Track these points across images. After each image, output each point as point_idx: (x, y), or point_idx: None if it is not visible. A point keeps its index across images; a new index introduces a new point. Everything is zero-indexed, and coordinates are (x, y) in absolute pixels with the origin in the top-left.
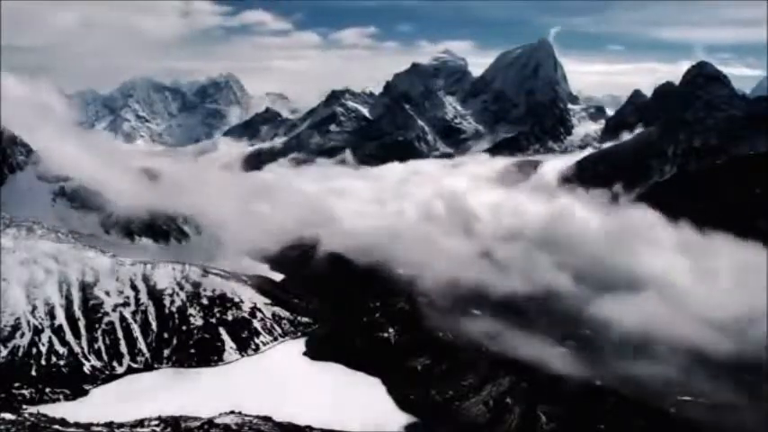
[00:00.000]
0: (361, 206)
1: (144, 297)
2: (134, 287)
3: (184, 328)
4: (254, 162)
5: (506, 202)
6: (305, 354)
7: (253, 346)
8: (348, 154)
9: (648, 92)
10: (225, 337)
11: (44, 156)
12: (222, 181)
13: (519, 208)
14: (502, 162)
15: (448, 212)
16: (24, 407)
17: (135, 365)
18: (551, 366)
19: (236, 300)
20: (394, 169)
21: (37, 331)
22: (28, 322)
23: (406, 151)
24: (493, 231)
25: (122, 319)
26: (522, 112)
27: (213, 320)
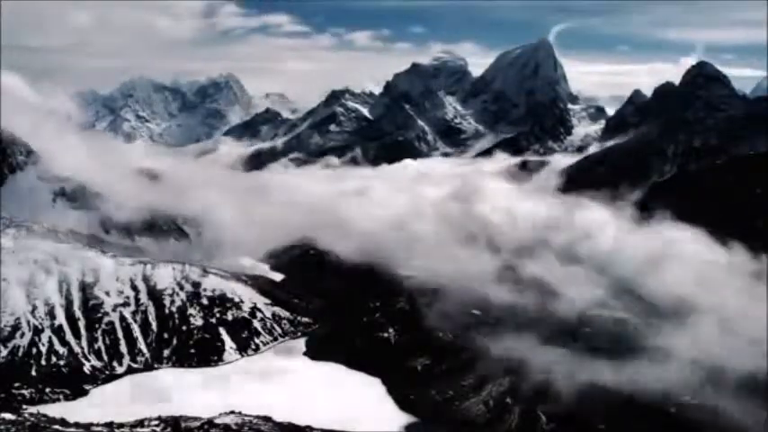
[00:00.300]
0: (363, 206)
1: (144, 297)
2: (134, 287)
3: (184, 328)
4: (255, 162)
5: (522, 206)
6: (305, 354)
7: (253, 346)
8: (358, 152)
9: (649, 92)
10: (225, 337)
11: (44, 156)
12: (222, 181)
13: (535, 211)
14: (514, 161)
15: (461, 215)
16: (24, 407)
17: (135, 365)
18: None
19: (236, 300)
20: (402, 168)
21: (37, 331)
22: (28, 322)
23: (406, 151)
24: (513, 242)
25: (122, 319)
26: (522, 112)
27: (213, 320)
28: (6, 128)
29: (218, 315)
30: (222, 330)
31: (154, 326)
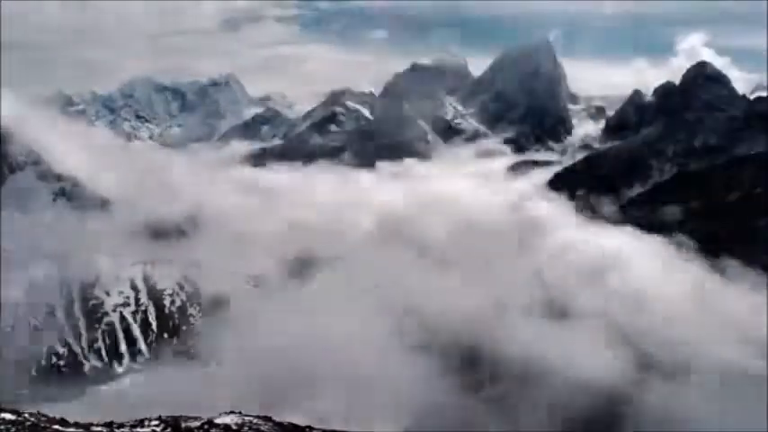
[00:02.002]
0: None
1: (144, 297)
2: (134, 287)
3: (184, 328)
4: (255, 162)
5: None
6: None
7: None
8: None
9: (649, 92)
10: None
11: (44, 156)
12: (222, 181)
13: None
14: (514, 161)
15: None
16: (24, 407)
17: (135, 365)
18: None
19: None
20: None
21: (37, 331)
22: (28, 322)
23: (406, 151)
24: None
25: (122, 319)
26: (522, 112)
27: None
28: (7, 128)
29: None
30: None
31: (154, 326)
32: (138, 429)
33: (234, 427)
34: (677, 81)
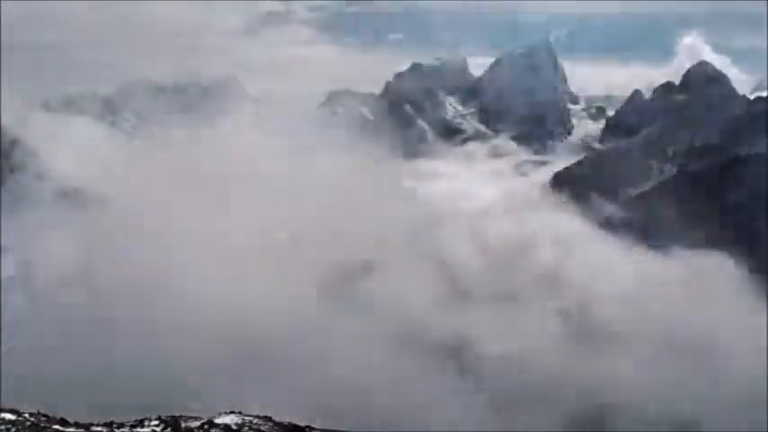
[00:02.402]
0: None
1: None
2: None
3: None
4: None
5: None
6: None
7: None
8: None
9: (649, 92)
10: None
11: (44, 156)
12: None
13: None
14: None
15: None
16: (24, 407)
17: None
18: None
19: None
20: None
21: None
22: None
23: (406, 151)
24: None
25: None
26: (522, 112)
27: None
28: (7, 128)
29: None
30: None
31: None
32: (138, 429)
33: (234, 427)
34: (677, 81)
